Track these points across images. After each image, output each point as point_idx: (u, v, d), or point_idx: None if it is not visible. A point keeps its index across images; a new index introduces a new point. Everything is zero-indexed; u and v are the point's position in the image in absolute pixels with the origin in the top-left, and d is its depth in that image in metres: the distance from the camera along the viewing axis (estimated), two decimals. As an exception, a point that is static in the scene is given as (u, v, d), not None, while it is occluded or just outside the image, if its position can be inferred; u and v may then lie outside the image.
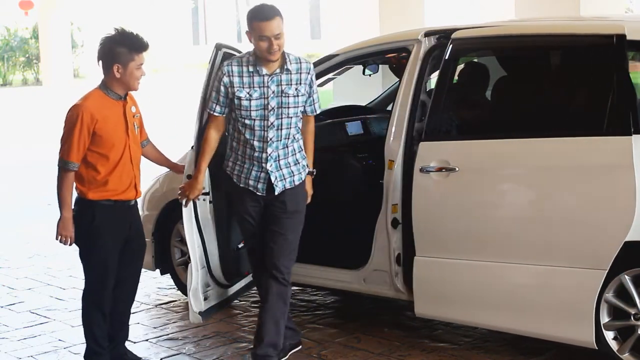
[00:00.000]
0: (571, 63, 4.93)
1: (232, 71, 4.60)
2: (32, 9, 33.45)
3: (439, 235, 4.88)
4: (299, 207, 4.76)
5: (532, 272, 4.60)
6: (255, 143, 4.61)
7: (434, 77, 6.54)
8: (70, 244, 4.60)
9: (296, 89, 4.64)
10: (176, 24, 44.38)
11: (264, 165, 4.64)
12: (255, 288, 5.77)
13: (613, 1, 10.47)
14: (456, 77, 6.32)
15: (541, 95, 5.01)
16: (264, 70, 4.59)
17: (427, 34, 5.19)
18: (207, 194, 5.04)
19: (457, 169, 4.74)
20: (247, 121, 4.60)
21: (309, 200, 4.89)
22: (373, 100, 7.03)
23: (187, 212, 5.02)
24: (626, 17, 6.02)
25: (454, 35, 4.96)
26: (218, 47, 4.98)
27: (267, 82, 4.59)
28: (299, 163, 4.76)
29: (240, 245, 5.34)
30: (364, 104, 7.00)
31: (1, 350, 5.35)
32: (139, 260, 4.88)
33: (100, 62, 4.60)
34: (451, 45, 4.94)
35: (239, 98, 4.58)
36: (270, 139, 4.61)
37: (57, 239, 4.59)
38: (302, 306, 5.95)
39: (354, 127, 6.26)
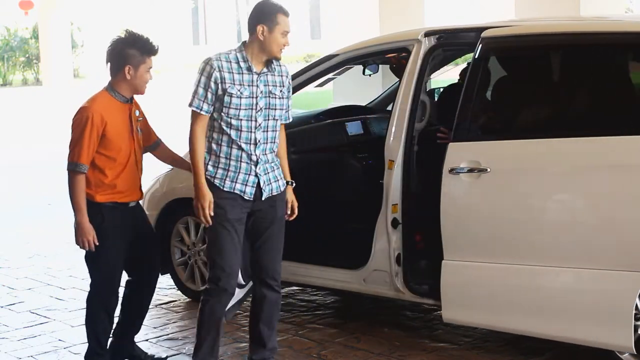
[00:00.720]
0: (611, 61, 4.79)
1: (222, 66, 4.38)
2: (32, 9, 33.45)
3: (469, 238, 4.72)
4: (284, 213, 4.66)
5: (568, 276, 4.46)
6: (243, 145, 4.41)
7: (434, 77, 6.58)
8: (92, 248, 4.55)
9: (280, 90, 4.53)
10: (176, 24, 44.40)
11: (253, 167, 4.44)
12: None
13: (613, 1, 10.47)
14: (457, 77, 6.35)
15: (578, 93, 4.87)
16: (254, 68, 4.45)
17: (427, 34, 5.18)
18: None
19: (488, 169, 4.62)
20: (233, 121, 4.39)
21: (296, 212, 4.74)
22: (373, 100, 7.04)
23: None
24: (626, 17, 6.02)
25: (484, 34, 4.85)
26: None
27: (256, 81, 4.43)
28: (279, 168, 4.62)
29: None
30: (364, 104, 7.00)
31: (1, 350, 5.35)
32: (156, 258, 4.91)
33: (109, 64, 4.60)
34: (481, 45, 4.84)
35: (230, 95, 4.37)
36: (258, 141, 4.45)
37: (77, 244, 4.57)
38: (302, 306, 5.95)
39: (354, 127, 6.26)
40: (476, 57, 4.85)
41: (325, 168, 5.77)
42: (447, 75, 6.85)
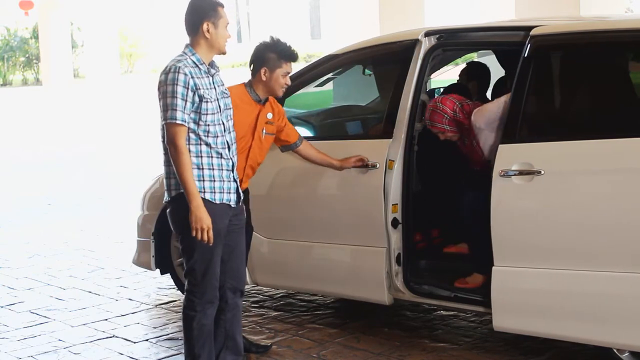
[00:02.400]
0: None
1: (192, 73, 4.15)
2: (32, 9, 33.48)
3: (522, 244, 4.53)
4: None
5: (634, 282, 4.22)
6: (221, 151, 4.23)
7: (434, 77, 6.57)
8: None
9: (226, 88, 4.43)
10: (177, 24, 44.48)
11: (231, 173, 4.29)
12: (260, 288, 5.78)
13: (613, 1, 10.47)
14: (457, 77, 6.35)
15: (637, 91, 4.71)
16: (208, 70, 4.29)
17: (427, 34, 5.17)
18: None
19: (542, 171, 4.45)
20: (211, 128, 4.20)
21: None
22: (373, 100, 7.03)
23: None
24: (626, 17, 6.01)
25: (533, 32, 4.72)
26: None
27: (213, 83, 4.27)
28: None
29: None
30: (364, 104, 6.99)
31: (1, 350, 5.35)
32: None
33: (252, 65, 4.75)
34: (530, 43, 4.70)
35: (207, 101, 4.17)
36: (230, 144, 4.32)
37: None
38: (302, 306, 5.95)
39: (354, 127, 6.26)
40: (525, 55, 4.69)
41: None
42: (447, 75, 6.85)
